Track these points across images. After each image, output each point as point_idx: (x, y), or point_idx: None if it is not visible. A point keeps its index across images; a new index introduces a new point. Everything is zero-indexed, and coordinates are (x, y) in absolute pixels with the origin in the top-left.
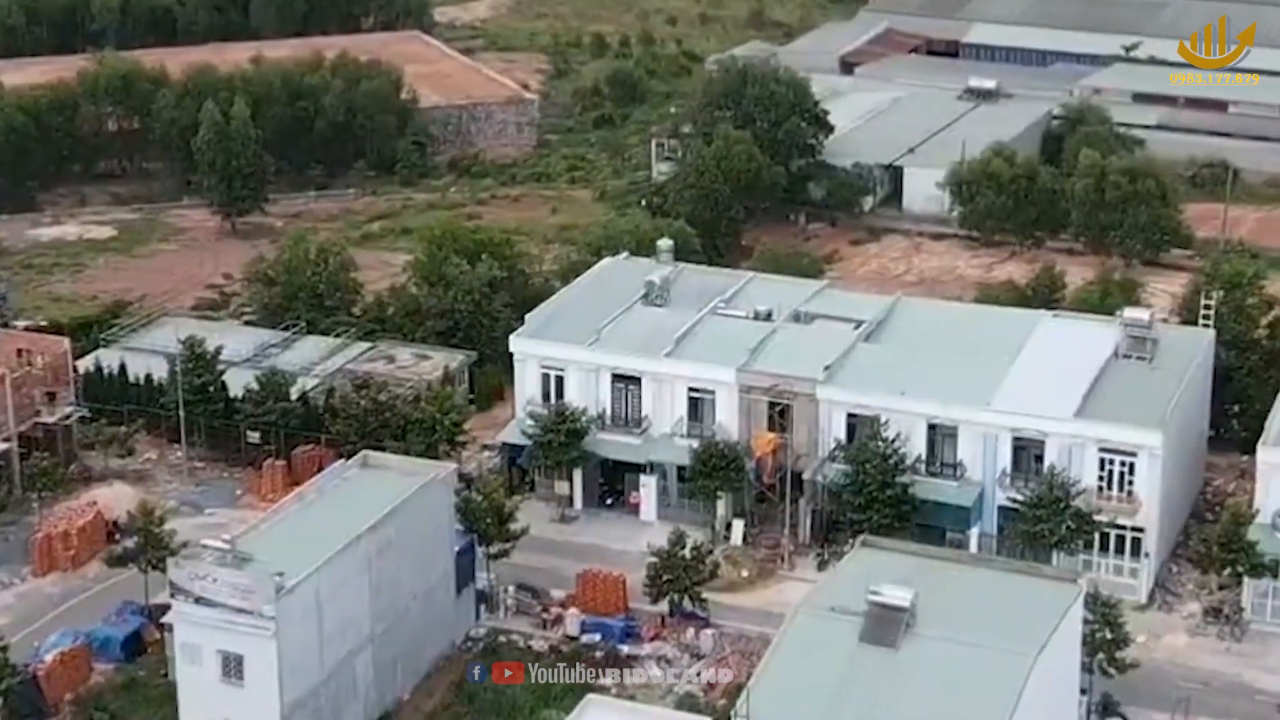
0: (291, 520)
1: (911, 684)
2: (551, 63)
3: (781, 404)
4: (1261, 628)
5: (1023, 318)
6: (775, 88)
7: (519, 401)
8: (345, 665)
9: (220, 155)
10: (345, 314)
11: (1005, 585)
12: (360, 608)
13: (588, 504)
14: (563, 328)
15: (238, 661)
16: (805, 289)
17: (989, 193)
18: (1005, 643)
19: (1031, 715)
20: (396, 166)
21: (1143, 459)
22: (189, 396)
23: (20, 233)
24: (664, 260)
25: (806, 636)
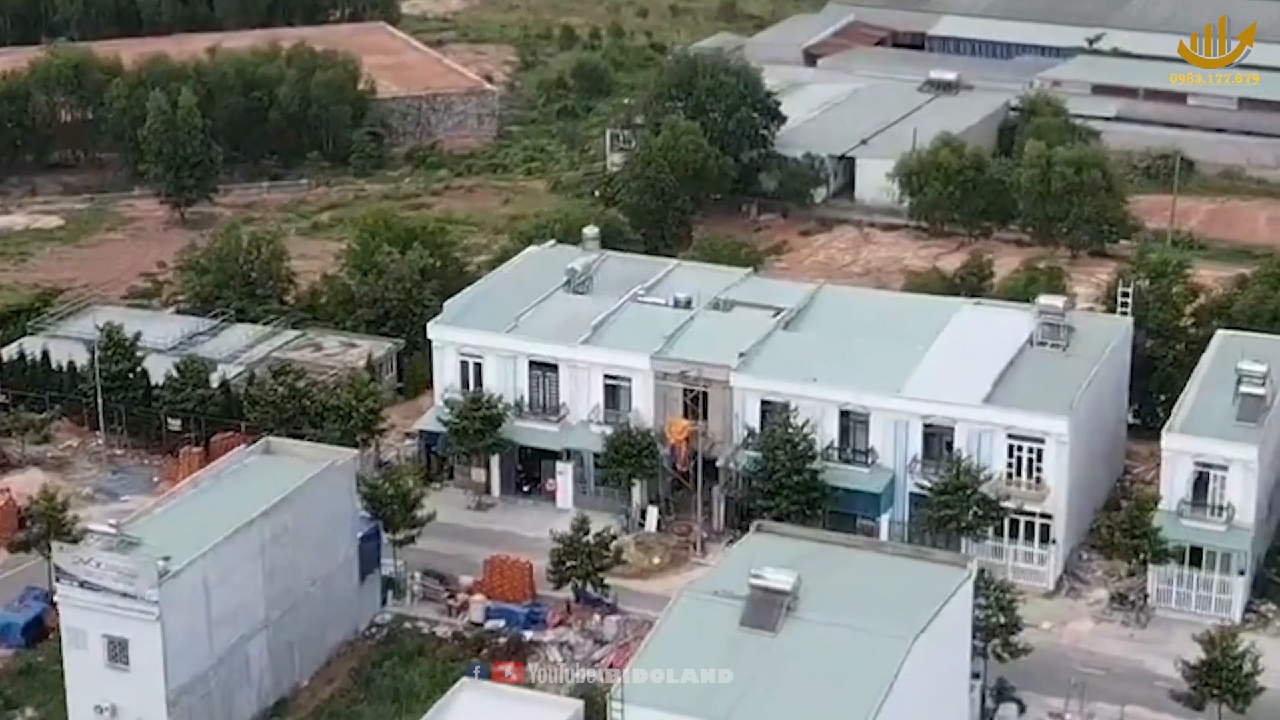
0: (185, 506)
1: (788, 667)
2: (519, 54)
3: (696, 391)
4: (1166, 614)
5: (942, 306)
6: (725, 79)
7: (437, 389)
8: (237, 650)
9: (167, 145)
10: (277, 302)
11: (894, 570)
12: (253, 593)
13: (505, 491)
14: (481, 315)
15: (123, 646)
16: (729, 277)
17: (936, 184)
18: (884, 626)
19: (912, 697)
20: (351, 157)
21: (1050, 446)
22: (108, 384)
23: None
24: (590, 248)
25: (688, 620)
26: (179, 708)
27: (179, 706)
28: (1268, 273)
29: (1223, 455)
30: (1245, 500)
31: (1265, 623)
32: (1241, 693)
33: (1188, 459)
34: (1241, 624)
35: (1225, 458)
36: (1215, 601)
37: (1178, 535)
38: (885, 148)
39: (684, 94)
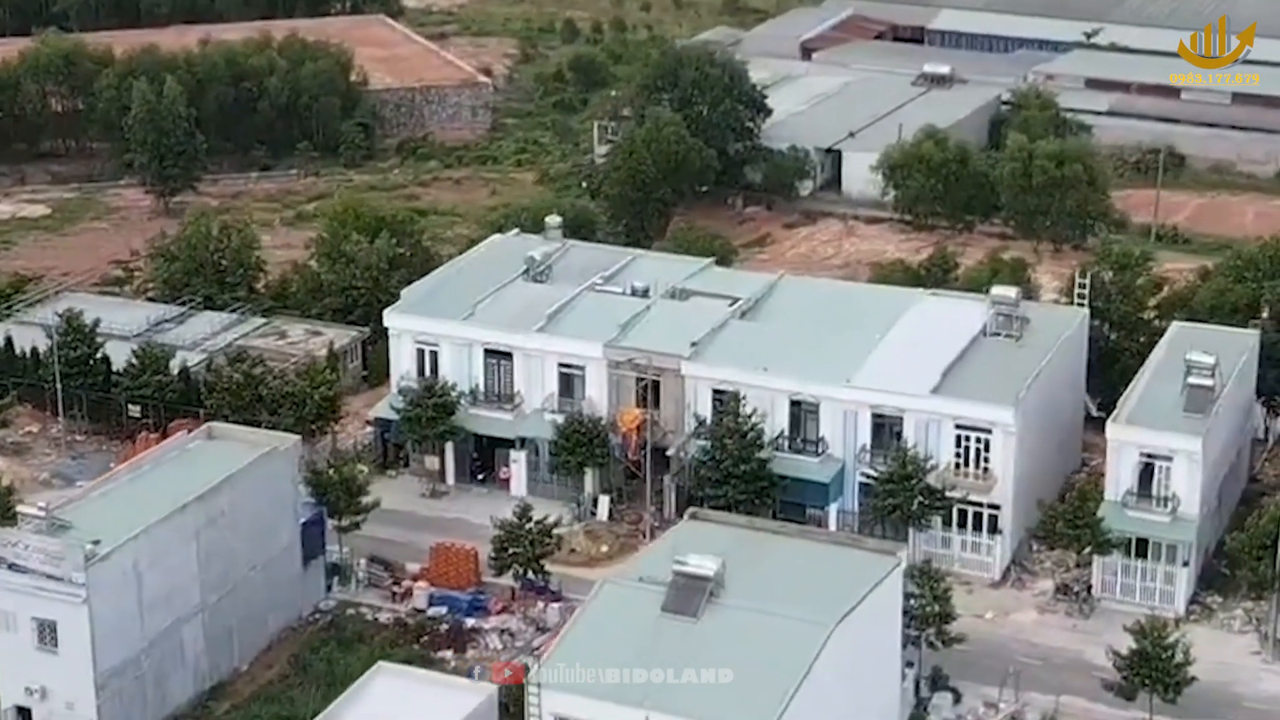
0: (121, 490)
1: (706, 652)
2: (520, 48)
3: (648, 380)
4: (1111, 606)
5: (899, 297)
6: (710, 71)
7: (394, 377)
8: (171, 634)
9: (151, 134)
10: (246, 290)
11: (823, 558)
12: (188, 577)
13: (460, 479)
14: (439, 303)
15: (51, 628)
16: (691, 267)
17: (919, 176)
18: (805, 613)
19: (833, 684)
20: (340, 148)
21: (997, 436)
22: (67, 369)
23: None
24: (552, 237)
25: (610, 606)
26: (108, 690)
27: (108, 689)
28: (1230, 265)
29: (1168, 446)
30: (1190, 492)
31: (1209, 614)
32: (1171, 683)
33: (1133, 449)
34: (1185, 615)
35: (1170, 449)
36: (1159, 593)
37: (1122, 526)
38: (873, 141)
39: (670, 86)
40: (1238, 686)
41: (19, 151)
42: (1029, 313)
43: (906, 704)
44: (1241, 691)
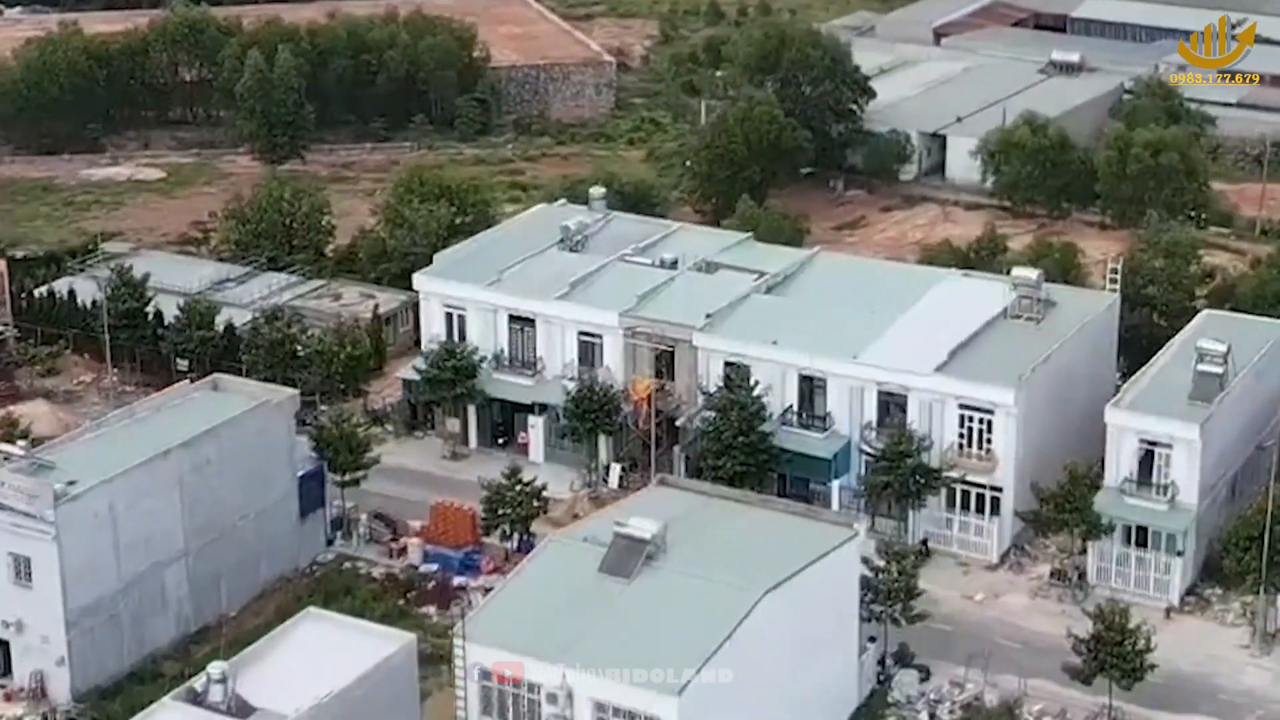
0: (113, 434)
1: (633, 613)
2: (660, 29)
3: (664, 350)
4: (1106, 593)
5: (927, 275)
6: (811, 52)
7: (424, 340)
8: (151, 576)
9: (261, 102)
10: (314, 253)
11: (778, 527)
12: (170, 522)
13: (481, 443)
14: (469, 268)
15: (26, 564)
16: (728, 241)
17: (1015, 162)
18: (739, 579)
19: (765, 651)
20: (455, 122)
21: (1000, 417)
22: (117, 322)
23: (75, 172)
24: (596, 208)
25: (550, 563)
26: (80, 627)
27: (80, 626)
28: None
29: (1167, 433)
30: (1190, 480)
31: (1205, 607)
32: (1128, 669)
33: (1133, 435)
34: (1180, 606)
35: (1170, 436)
36: (1154, 582)
37: (1119, 513)
38: (981, 126)
39: (772, 67)
40: (1218, 679)
41: (147, 118)
42: (1057, 296)
43: (867, 679)
44: (1220, 684)
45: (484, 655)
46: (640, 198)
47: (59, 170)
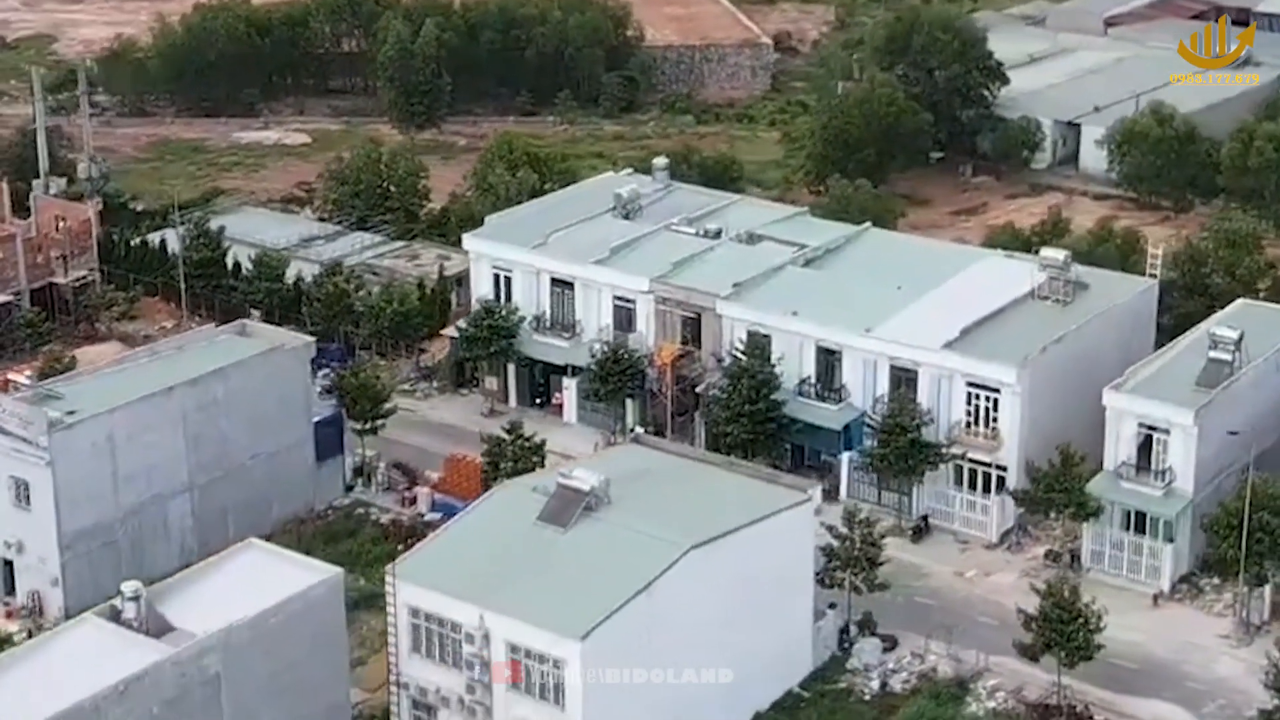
0: (127, 371)
1: (561, 561)
2: (836, 15)
3: (691, 317)
4: (1100, 577)
5: (967, 254)
6: (940, 36)
7: (473, 299)
8: (153, 507)
9: (400, 72)
10: (406, 215)
11: (735, 488)
12: (172, 456)
13: (520, 401)
14: (518, 231)
15: (25, 487)
16: (782, 214)
17: (1137, 152)
18: (669, 534)
19: (693, 606)
20: (599, 99)
21: (1005, 396)
22: (193, 271)
23: (228, 134)
24: (659, 178)
25: (495, 509)
26: (74, 550)
27: (74, 549)
28: None
29: (1165, 418)
30: (1186, 467)
31: (1196, 595)
32: (1072, 647)
33: (1131, 420)
34: (1169, 593)
35: (1167, 421)
36: (1146, 568)
37: (1114, 497)
38: (1120, 117)
39: (902, 50)
40: (1189, 667)
41: (307, 86)
42: (1093, 280)
43: (826, 645)
44: (1190, 671)
45: (414, 595)
46: (720, 172)
47: (213, 132)
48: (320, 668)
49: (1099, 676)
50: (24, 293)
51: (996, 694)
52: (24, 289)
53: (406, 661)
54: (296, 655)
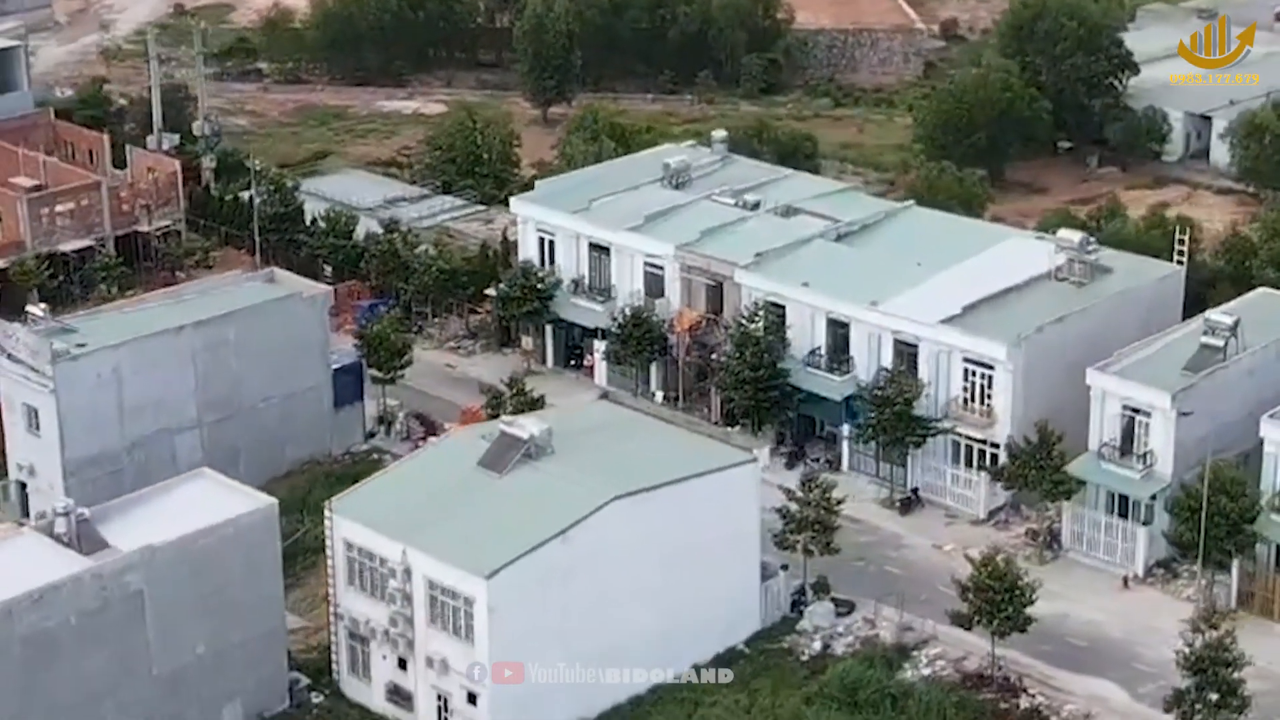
0: (146, 310)
1: (490, 504)
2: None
3: (714, 286)
4: (1078, 558)
5: (997, 233)
6: (1066, 23)
7: (519, 261)
8: (160, 440)
9: (534, 46)
10: (495, 182)
11: (683, 446)
12: (181, 392)
13: (556, 362)
14: (564, 196)
15: (35, 414)
16: (831, 189)
17: (1256, 145)
18: (599, 483)
19: (616, 555)
20: (740, 79)
21: (999, 373)
22: (265, 224)
23: (371, 103)
24: (716, 150)
25: (442, 453)
26: (79, 476)
27: (79, 475)
28: None
29: (1146, 401)
30: (1165, 450)
31: (1170, 580)
32: (1001, 617)
33: (1115, 401)
34: (1143, 577)
35: (1148, 403)
36: (1122, 550)
37: (1094, 477)
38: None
39: (1027, 36)
40: (1140, 648)
41: (459, 60)
42: (1117, 263)
43: (778, 606)
44: (1140, 653)
45: (348, 529)
46: (794, 149)
47: (358, 100)
48: (253, 594)
49: (1047, 652)
50: (109, 239)
51: (937, 662)
52: (109, 235)
53: (343, 594)
54: (227, 580)
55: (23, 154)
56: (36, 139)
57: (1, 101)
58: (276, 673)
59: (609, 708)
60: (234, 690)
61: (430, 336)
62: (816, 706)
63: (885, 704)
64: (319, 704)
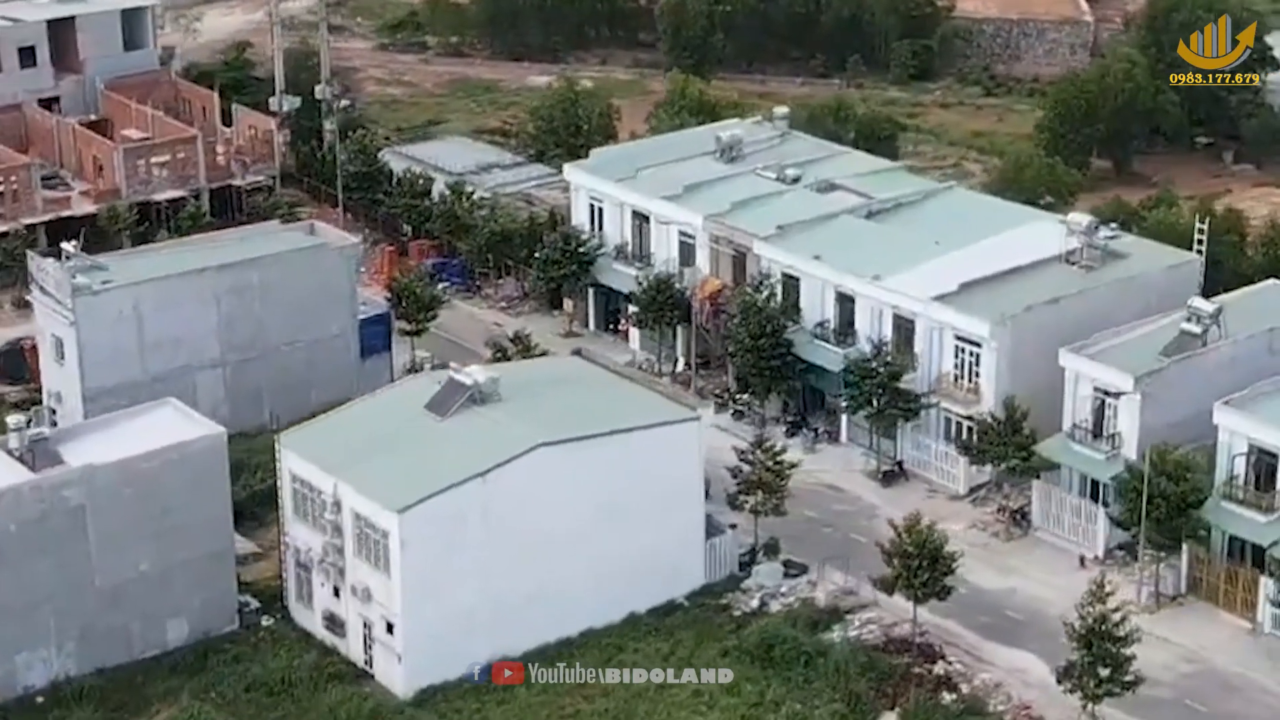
0: (180, 253)
1: (427, 444)
2: None
3: (741, 256)
4: (1046, 537)
5: (1023, 215)
6: (1203, 15)
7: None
8: (181, 376)
9: (673, 26)
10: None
11: (632, 402)
12: (204, 332)
13: (597, 325)
14: (616, 165)
15: (61, 344)
16: (879, 167)
17: None
18: (529, 430)
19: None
20: (890, 66)
21: (986, 351)
22: (351, 183)
23: (521, 78)
24: (778, 126)
25: (394, 395)
26: (97, 404)
27: (97, 404)
28: None
29: (1113, 383)
30: (1130, 433)
31: (1130, 563)
32: (918, 584)
33: (1087, 383)
34: (1103, 559)
35: (1115, 386)
36: (1085, 531)
37: (1060, 458)
38: None
39: (1162, 28)
40: None
41: (618, 38)
42: (1135, 250)
43: (724, 563)
44: None
45: (294, 462)
46: (870, 131)
47: (510, 75)
48: (199, 517)
49: (983, 624)
50: (203, 191)
51: (868, 626)
52: (203, 187)
53: (290, 523)
54: (173, 503)
55: (134, 108)
56: (159, 96)
57: (128, 59)
58: (224, 594)
59: (534, 647)
60: (179, 608)
61: (487, 296)
62: (730, 659)
63: (799, 661)
64: (267, 627)
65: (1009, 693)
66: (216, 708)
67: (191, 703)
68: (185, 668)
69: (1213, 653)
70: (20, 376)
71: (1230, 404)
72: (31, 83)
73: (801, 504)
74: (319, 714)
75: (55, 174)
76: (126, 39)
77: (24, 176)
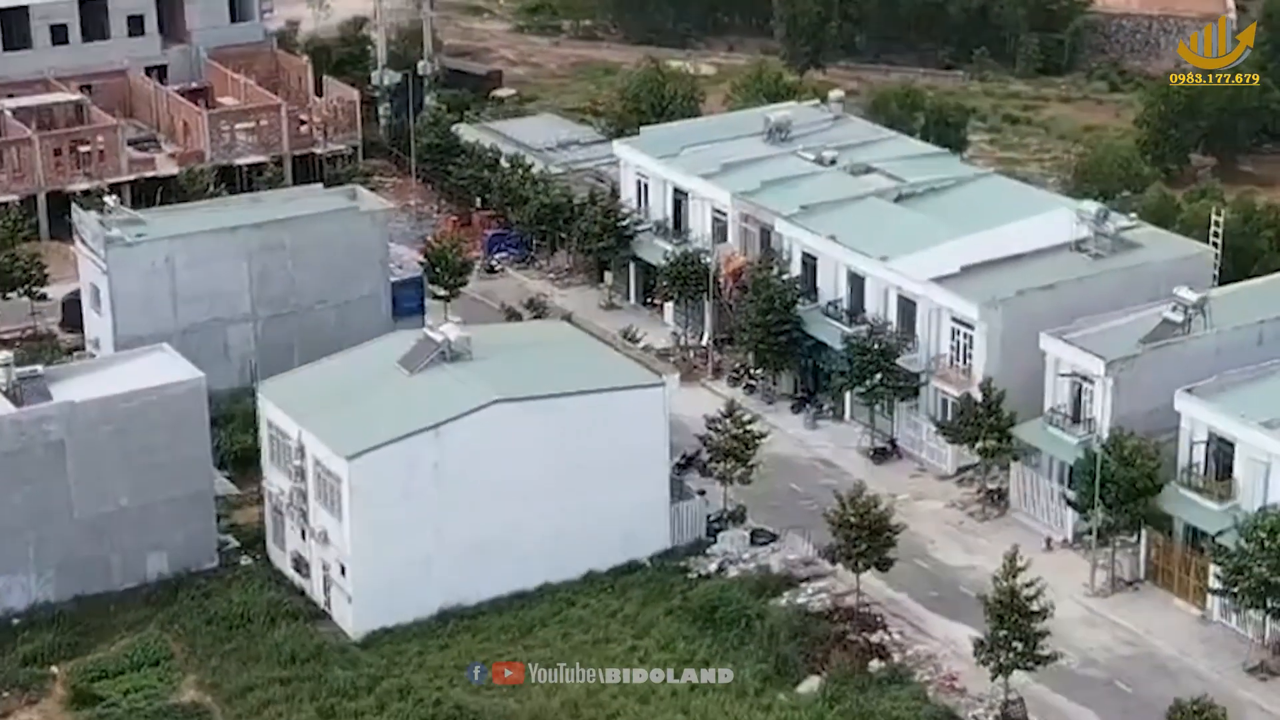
0: (218, 209)
1: (394, 397)
2: None
3: (766, 233)
4: (1020, 519)
5: (1045, 202)
6: None
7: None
8: (213, 329)
9: (789, 13)
10: None
11: (604, 367)
12: (235, 288)
13: (636, 299)
14: (662, 143)
15: (98, 293)
16: (927, 151)
17: None
18: (489, 388)
19: (505, 459)
20: (1017, 59)
21: (979, 334)
22: (425, 154)
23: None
24: (832, 109)
25: (373, 350)
26: None
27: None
28: None
29: (1085, 368)
30: (1103, 418)
31: (1100, 546)
32: (856, 553)
33: (1065, 367)
34: (1070, 542)
35: (1089, 371)
36: (1055, 514)
37: (1036, 441)
38: None
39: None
40: None
41: (750, 25)
42: (1150, 241)
43: (693, 529)
44: None
45: (271, 411)
46: (940, 118)
47: (634, 58)
48: (178, 456)
49: (933, 599)
50: (286, 157)
51: (819, 595)
52: (286, 154)
53: (268, 468)
54: (154, 442)
55: (230, 77)
56: (260, 66)
57: (233, 30)
58: (204, 532)
59: (488, 598)
60: (159, 543)
61: (540, 267)
62: (673, 618)
63: (740, 623)
64: (245, 566)
65: (939, 664)
66: (176, 638)
67: (152, 631)
68: (159, 600)
69: (1156, 637)
70: (80, 325)
71: (1193, 392)
72: (139, 50)
73: (790, 476)
74: (267, 648)
75: (152, 137)
76: (233, 11)
77: (111, 138)
